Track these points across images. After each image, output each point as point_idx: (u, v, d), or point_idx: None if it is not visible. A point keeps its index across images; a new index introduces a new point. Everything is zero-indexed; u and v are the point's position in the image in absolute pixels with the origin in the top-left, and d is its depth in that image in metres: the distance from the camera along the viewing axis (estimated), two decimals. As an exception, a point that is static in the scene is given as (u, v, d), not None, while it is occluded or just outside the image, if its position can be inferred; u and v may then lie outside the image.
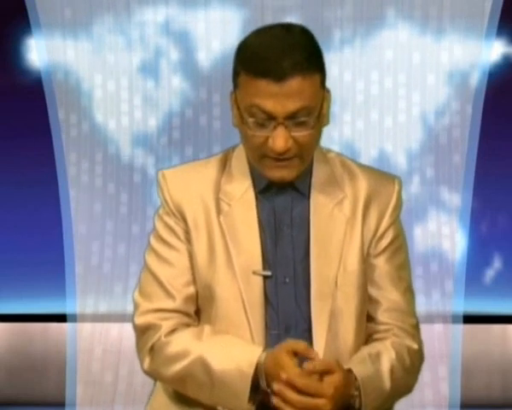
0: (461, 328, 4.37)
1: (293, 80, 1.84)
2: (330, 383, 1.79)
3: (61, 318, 4.46)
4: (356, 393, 1.85)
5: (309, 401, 1.77)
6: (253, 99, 1.86)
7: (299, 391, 1.77)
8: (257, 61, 1.85)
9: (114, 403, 4.39)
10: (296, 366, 1.80)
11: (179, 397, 2.01)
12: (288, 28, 1.91)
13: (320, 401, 1.78)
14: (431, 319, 4.26)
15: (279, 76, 1.83)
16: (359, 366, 1.88)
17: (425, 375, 4.26)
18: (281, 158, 1.89)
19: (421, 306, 4.16)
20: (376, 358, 1.93)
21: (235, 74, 1.91)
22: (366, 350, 1.96)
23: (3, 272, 4.59)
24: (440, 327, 4.33)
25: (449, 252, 4.38)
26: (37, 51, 4.50)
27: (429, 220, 4.39)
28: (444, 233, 4.39)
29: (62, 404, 4.39)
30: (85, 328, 4.43)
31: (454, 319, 4.35)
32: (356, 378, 1.85)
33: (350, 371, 1.86)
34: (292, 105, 1.84)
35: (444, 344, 4.33)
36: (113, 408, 4.40)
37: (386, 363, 1.93)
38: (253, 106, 1.86)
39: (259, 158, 1.92)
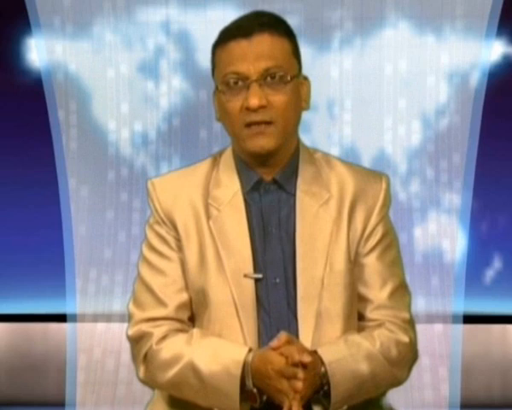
0: (461, 328, 4.37)
1: (261, 37, 1.93)
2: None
3: (61, 318, 4.46)
4: (323, 370, 1.87)
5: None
6: (228, 68, 1.95)
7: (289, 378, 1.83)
8: (228, 31, 1.98)
9: (114, 403, 4.39)
10: (283, 360, 1.84)
11: (178, 403, 2.02)
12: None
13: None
14: (431, 319, 4.26)
15: (247, 32, 1.93)
16: (327, 348, 1.91)
17: (425, 375, 4.26)
18: (258, 120, 1.93)
19: (421, 306, 4.19)
20: (353, 343, 1.94)
21: (212, 59, 2.01)
22: (344, 336, 1.97)
23: (3, 272, 4.59)
24: (440, 327, 4.33)
25: (449, 252, 4.38)
26: (37, 51, 4.50)
27: (429, 220, 4.39)
28: (444, 233, 4.39)
29: (62, 404, 4.39)
30: (85, 328, 4.43)
31: (454, 319, 4.35)
32: (321, 359, 1.87)
33: (315, 351, 1.89)
34: (263, 63, 1.93)
35: (444, 344, 4.33)
36: (113, 408, 4.40)
37: (363, 349, 1.94)
38: (227, 74, 1.95)
39: (240, 130, 1.95)
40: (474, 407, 4.40)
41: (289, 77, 1.95)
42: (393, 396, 2.15)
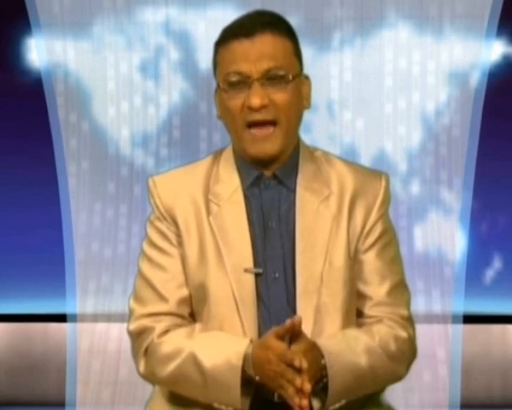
0: (461, 328, 4.37)
1: (263, 37, 1.95)
2: (298, 349, 1.84)
3: (61, 318, 4.46)
4: (323, 362, 1.87)
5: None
6: (230, 67, 1.96)
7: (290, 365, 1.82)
8: (230, 30, 1.99)
9: (114, 403, 4.39)
10: (283, 345, 1.83)
11: (178, 401, 2.02)
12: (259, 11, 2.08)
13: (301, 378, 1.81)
14: (431, 319, 4.27)
15: (250, 32, 1.95)
16: (326, 340, 1.91)
17: (425, 375, 4.26)
18: (260, 120, 1.94)
19: (421, 306, 4.20)
20: (352, 337, 1.95)
21: (214, 57, 2.02)
22: (343, 330, 1.98)
23: (3, 272, 4.59)
24: (440, 327, 4.33)
25: (449, 252, 4.38)
26: (37, 51, 4.50)
27: (429, 220, 4.39)
28: (444, 233, 4.39)
29: (62, 404, 4.39)
30: (85, 328, 4.43)
31: (454, 319, 4.35)
32: (321, 351, 1.88)
33: (315, 343, 1.89)
34: (265, 64, 1.94)
35: (444, 344, 4.33)
36: (113, 408, 4.40)
37: (362, 343, 1.94)
38: (229, 73, 1.96)
39: (241, 130, 1.96)
40: (474, 407, 4.40)
41: (291, 76, 1.96)
42: (393, 396, 2.15)
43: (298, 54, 2.02)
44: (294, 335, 1.86)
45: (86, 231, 4.46)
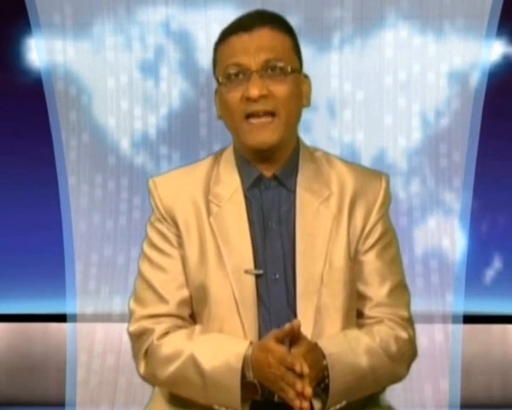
0: (461, 328, 4.37)
1: (262, 31, 1.96)
2: (298, 353, 1.83)
3: (61, 318, 4.46)
4: (324, 363, 1.87)
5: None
6: (229, 60, 1.97)
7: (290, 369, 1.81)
8: (229, 28, 2.01)
9: (114, 403, 4.39)
10: (283, 348, 1.83)
11: (177, 401, 2.02)
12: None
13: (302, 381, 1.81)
14: (431, 319, 4.27)
15: (248, 26, 1.97)
16: (327, 341, 1.92)
17: (425, 375, 4.26)
18: (259, 110, 1.94)
19: (421, 306, 4.19)
20: (353, 338, 1.96)
21: (214, 56, 2.03)
22: (344, 331, 1.98)
23: (3, 272, 4.59)
24: (440, 327, 4.33)
25: (449, 252, 4.38)
26: (37, 51, 4.50)
27: (429, 220, 4.39)
28: (444, 233, 4.39)
29: (62, 404, 4.39)
30: (85, 328, 4.43)
31: (454, 319, 4.35)
32: (323, 352, 1.88)
33: (317, 344, 1.90)
34: (263, 55, 1.95)
35: (444, 344, 4.33)
36: (113, 408, 4.40)
37: (363, 343, 1.95)
38: (228, 66, 1.97)
39: (240, 122, 1.96)
40: (474, 407, 4.40)
41: (289, 68, 1.97)
42: (394, 396, 2.15)
43: (297, 51, 2.02)
44: (294, 337, 1.86)
45: (87, 204, 4.46)
